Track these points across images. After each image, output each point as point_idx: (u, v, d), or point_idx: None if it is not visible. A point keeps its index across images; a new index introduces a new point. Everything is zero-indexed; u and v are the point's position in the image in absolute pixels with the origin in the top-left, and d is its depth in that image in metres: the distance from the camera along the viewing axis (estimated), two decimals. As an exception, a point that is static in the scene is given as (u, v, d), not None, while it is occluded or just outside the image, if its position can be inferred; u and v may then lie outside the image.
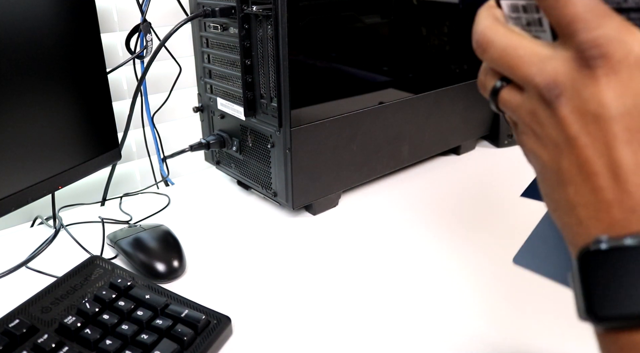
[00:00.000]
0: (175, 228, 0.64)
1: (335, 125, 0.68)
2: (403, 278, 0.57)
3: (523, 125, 0.29)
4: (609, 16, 0.24)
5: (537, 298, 0.52)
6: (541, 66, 0.26)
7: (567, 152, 0.26)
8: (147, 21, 0.76)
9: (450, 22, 0.78)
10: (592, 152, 0.25)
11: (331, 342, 0.47)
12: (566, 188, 0.26)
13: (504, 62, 0.28)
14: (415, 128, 0.80)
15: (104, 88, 0.68)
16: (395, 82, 0.74)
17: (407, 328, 0.49)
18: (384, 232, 0.66)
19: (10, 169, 0.57)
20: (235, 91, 0.69)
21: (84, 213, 0.72)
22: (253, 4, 0.60)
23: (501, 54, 0.28)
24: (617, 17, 0.24)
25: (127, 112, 0.76)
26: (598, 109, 0.24)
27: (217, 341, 0.46)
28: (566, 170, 0.26)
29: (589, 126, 0.25)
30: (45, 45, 0.58)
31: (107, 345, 0.43)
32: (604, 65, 0.24)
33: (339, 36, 0.65)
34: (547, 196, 0.29)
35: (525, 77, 0.27)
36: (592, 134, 0.25)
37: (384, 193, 0.77)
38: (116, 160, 0.72)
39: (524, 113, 0.28)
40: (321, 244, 0.64)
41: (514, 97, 0.28)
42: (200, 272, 0.58)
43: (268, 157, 0.68)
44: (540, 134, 0.27)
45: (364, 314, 0.51)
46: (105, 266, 0.54)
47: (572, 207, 0.26)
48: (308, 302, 0.53)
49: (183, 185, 0.83)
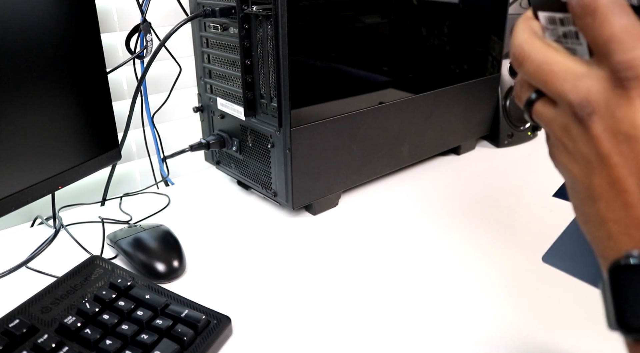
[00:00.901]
0: (175, 228, 0.64)
1: (335, 125, 0.68)
2: (403, 278, 0.57)
3: (555, 139, 0.29)
4: None
5: (537, 298, 0.52)
6: (575, 83, 0.26)
7: (598, 169, 0.26)
8: (147, 21, 0.76)
9: (450, 22, 0.78)
10: (624, 170, 0.25)
11: (331, 342, 0.47)
12: (597, 204, 0.27)
13: (539, 77, 0.28)
14: (415, 128, 0.80)
15: (104, 88, 0.68)
16: (395, 82, 0.74)
17: (406, 328, 0.49)
18: (384, 232, 0.66)
19: (10, 169, 0.57)
20: (235, 91, 0.69)
21: (84, 213, 0.72)
22: (253, 4, 0.60)
23: (537, 68, 0.28)
24: None
25: (127, 112, 0.76)
26: (631, 130, 0.25)
27: (217, 341, 0.46)
28: (597, 187, 0.27)
29: (621, 146, 0.25)
30: (45, 45, 0.58)
31: (107, 345, 0.43)
32: (638, 86, 0.24)
33: (339, 36, 0.65)
34: (577, 209, 0.30)
35: (559, 92, 0.27)
36: (624, 153, 0.25)
37: (384, 193, 0.77)
38: (116, 160, 0.72)
39: (556, 127, 0.29)
40: (321, 244, 0.64)
41: (547, 110, 0.29)
42: (200, 272, 0.58)
43: (268, 157, 0.68)
44: (572, 149, 0.28)
45: (364, 314, 0.51)
46: (105, 266, 0.54)
47: (603, 222, 0.27)
48: (308, 302, 0.53)
49: (183, 185, 0.83)
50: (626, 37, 0.24)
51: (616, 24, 0.25)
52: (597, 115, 0.26)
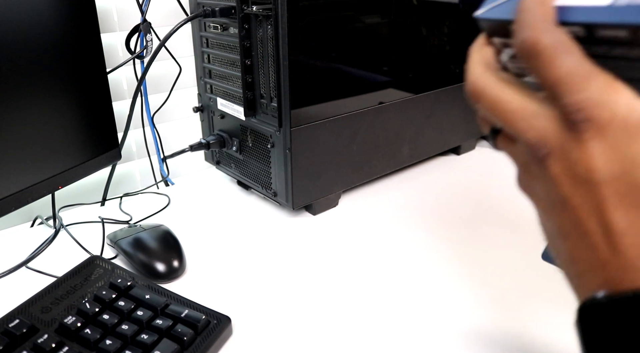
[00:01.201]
0: (175, 228, 0.64)
1: (335, 125, 0.68)
2: (403, 278, 0.57)
3: (520, 171, 0.29)
4: (594, 77, 0.24)
5: (538, 296, 0.52)
6: (531, 123, 0.26)
7: (560, 210, 0.26)
8: (147, 21, 0.76)
9: (450, 22, 0.78)
10: (585, 213, 0.25)
11: (331, 342, 0.47)
12: (566, 242, 0.27)
13: (495, 115, 0.28)
14: (415, 128, 0.80)
15: (104, 88, 0.68)
16: (395, 82, 0.74)
17: (406, 328, 0.49)
18: (384, 232, 0.66)
19: (10, 169, 0.57)
20: (235, 91, 0.69)
21: (84, 213, 0.72)
22: (253, 4, 0.60)
23: (492, 107, 0.28)
24: (602, 77, 0.24)
25: (127, 112, 0.76)
26: (586, 174, 0.24)
27: (217, 341, 0.46)
28: (563, 226, 0.27)
29: (580, 188, 0.25)
30: (45, 45, 0.58)
31: (107, 345, 0.43)
32: (590, 128, 0.24)
33: (339, 36, 0.65)
34: (549, 242, 0.30)
35: (515, 132, 0.27)
36: (583, 195, 0.25)
37: (384, 193, 0.77)
38: (116, 160, 0.72)
39: (519, 163, 0.29)
40: (321, 244, 0.64)
41: (508, 145, 0.29)
42: (200, 272, 0.58)
43: (268, 157, 0.68)
44: (535, 186, 0.28)
45: (364, 314, 0.51)
46: (105, 266, 0.54)
47: (572, 260, 0.27)
48: (308, 302, 0.53)
49: (183, 185, 0.83)
50: (573, 79, 0.24)
51: (562, 66, 0.24)
52: (553, 157, 0.25)
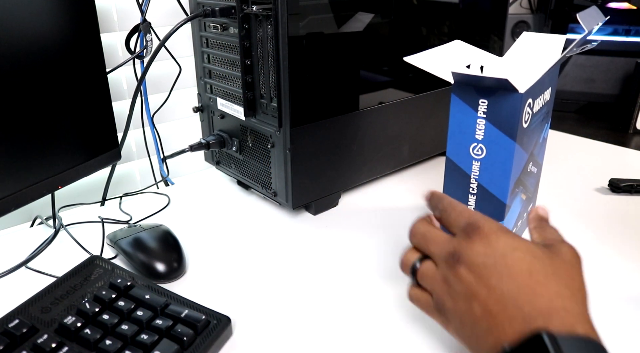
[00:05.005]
0: (175, 228, 0.64)
1: (335, 125, 0.68)
2: (403, 278, 0.56)
3: (439, 292, 0.39)
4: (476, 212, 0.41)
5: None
6: (446, 244, 0.40)
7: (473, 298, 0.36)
8: (147, 21, 0.76)
9: (450, 22, 0.78)
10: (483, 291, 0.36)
11: (331, 342, 0.47)
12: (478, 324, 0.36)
13: (423, 242, 0.42)
14: (415, 128, 0.80)
15: (103, 88, 0.68)
16: (395, 82, 0.74)
17: (406, 328, 0.49)
18: (384, 232, 0.66)
19: (10, 169, 0.57)
20: (235, 91, 0.69)
21: (83, 213, 0.72)
22: (253, 4, 0.60)
23: (421, 237, 0.42)
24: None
25: (127, 112, 0.76)
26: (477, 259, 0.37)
27: (217, 341, 0.46)
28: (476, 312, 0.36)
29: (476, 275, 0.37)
30: (45, 45, 0.58)
31: (107, 345, 0.43)
32: (476, 231, 0.38)
33: (339, 36, 0.65)
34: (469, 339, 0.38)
35: (434, 252, 0.41)
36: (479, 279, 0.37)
37: (384, 193, 0.77)
38: (116, 160, 0.72)
39: (439, 280, 0.39)
40: (321, 244, 0.64)
41: (430, 268, 0.41)
42: (200, 272, 0.58)
43: (268, 157, 0.68)
44: (452, 292, 0.38)
45: (364, 314, 0.51)
46: (105, 266, 0.54)
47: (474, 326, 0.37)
48: (308, 302, 0.53)
49: (183, 185, 0.83)
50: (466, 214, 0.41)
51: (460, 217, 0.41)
52: (460, 261, 0.38)
